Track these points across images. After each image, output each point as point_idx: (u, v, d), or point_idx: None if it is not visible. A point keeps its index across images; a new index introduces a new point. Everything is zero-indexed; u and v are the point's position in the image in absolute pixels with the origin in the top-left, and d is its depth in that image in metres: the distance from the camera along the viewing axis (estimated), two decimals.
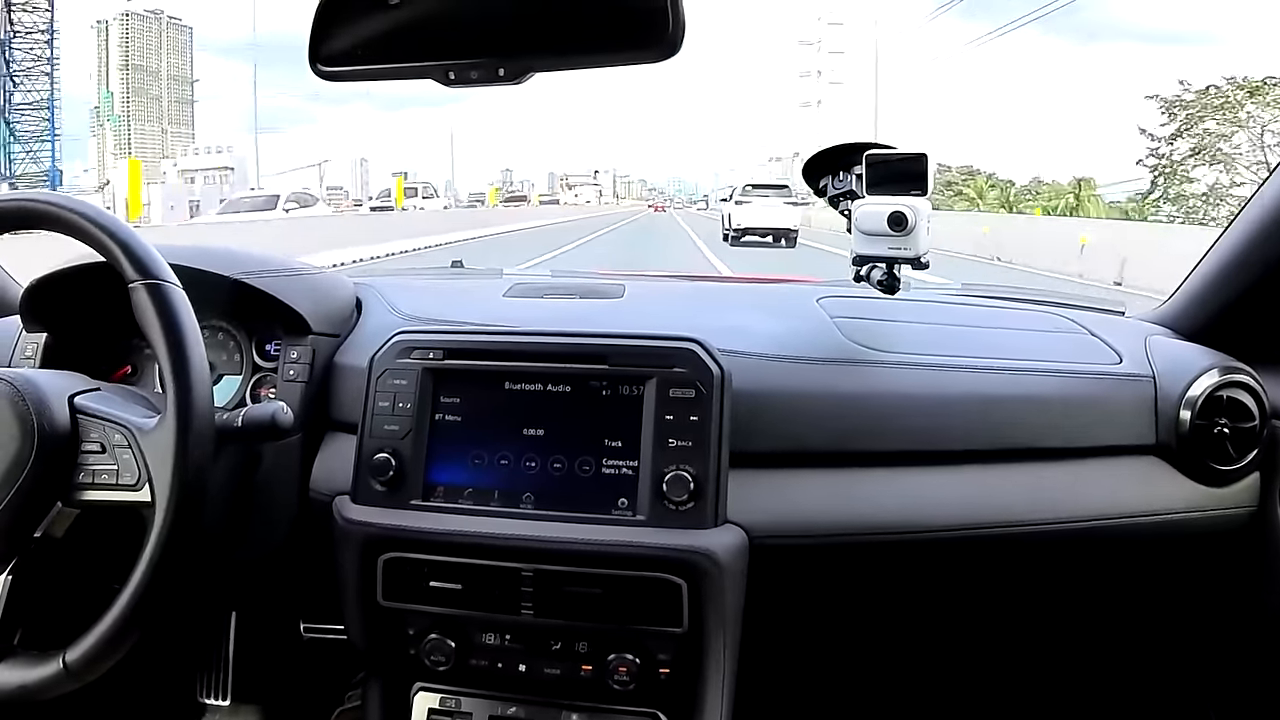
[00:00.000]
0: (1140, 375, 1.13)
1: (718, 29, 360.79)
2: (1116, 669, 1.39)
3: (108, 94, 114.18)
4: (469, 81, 0.82)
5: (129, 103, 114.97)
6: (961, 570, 1.12)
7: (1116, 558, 1.14)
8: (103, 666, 0.84)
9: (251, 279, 1.14)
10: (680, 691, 0.99)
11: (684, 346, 1.00)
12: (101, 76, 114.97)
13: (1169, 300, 1.31)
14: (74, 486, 0.87)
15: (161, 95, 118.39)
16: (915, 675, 1.43)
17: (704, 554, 0.94)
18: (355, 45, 0.84)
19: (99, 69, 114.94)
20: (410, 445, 1.01)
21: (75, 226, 0.90)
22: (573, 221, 37.44)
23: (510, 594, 0.97)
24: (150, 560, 0.83)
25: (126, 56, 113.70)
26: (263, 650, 1.47)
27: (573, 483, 0.99)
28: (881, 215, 1.06)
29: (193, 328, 0.88)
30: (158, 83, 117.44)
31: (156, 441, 0.85)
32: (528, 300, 1.34)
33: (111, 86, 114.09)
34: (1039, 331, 1.25)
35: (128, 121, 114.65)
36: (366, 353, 1.06)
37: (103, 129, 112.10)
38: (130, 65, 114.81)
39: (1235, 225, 1.19)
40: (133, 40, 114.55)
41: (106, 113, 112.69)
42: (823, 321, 1.20)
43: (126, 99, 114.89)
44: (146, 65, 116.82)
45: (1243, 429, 1.08)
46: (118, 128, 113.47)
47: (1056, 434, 1.10)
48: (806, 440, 1.06)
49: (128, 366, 1.22)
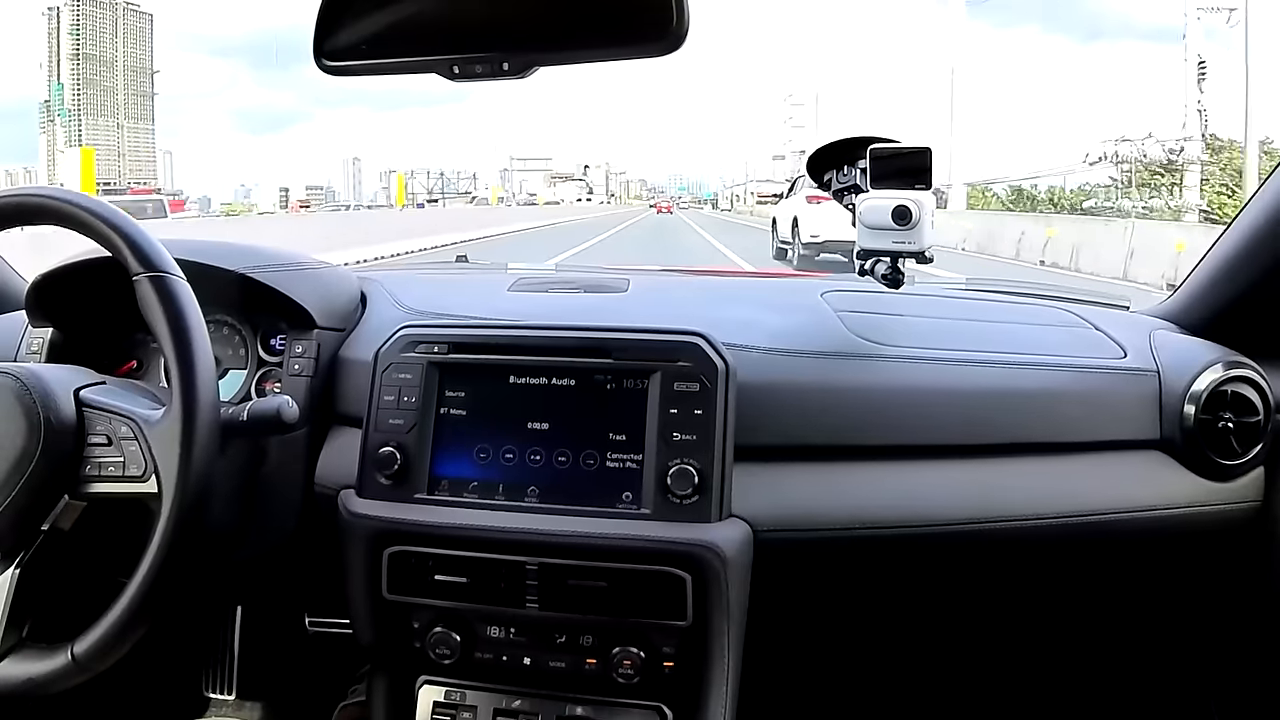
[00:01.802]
0: (1145, 370, 1.13)
1: (718, 22, 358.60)
2: (1119, 663, 1.39)
3: (58, 86, 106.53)
4: (473, 76, 0.82)
5: (80, 94, 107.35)
6: (966, 564, 1.12)
7: (1120, 552, 1.14)
8: (111, 658, 0.85)
9: (256, 273, 1.14)
10: (684, 685, 0.99)
11: (689, 340, 1.00)
12: (52, 68, 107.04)
13: (1173, 295, 1.31)
14: (81, 479, 0.87)
15: (117, 87, 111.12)
16: (918, 668, 1.43)
17: (708, 548, 0.94)
18: (360, 40, 0.85)
19: (50, 59, 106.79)
20: (415, 439, 1.01)
21: (79, 220, 0.91)
22: (534, 231, 27.36)
23: (515, 587, 0.97)
24: (157, 551, 0.83)
25: (78, 45, 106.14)
26: (267, 644, 1.48)
27: (577, 476, 0.99)
28: (886, 209, 1.06)
29: (197, 319, 0.89)
30: (113, 74, 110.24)
31: (162, 432, 0.86)
32: (532, 294, 1.34)
33: (62, 78, 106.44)
34: (1044, 326, 1.25)
35: (78, 116, 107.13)
36: (371, 347, 1.06)
37: (52, 124, 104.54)
38: (82, 55, 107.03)
39: (1240, 220, 1.19)
40: (85, 27, 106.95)
41: (57, 107, 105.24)
42: (827, 316, 1.20)
43: (78, 91, 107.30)
44: (101, 55, 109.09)
45: (1247, 423, 1.08)
46: (68, 123, 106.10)
47: (1061, 428, 1.10)
48: (811, 434, 1.06)
49: (133, 362, 1.22)
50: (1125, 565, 1.19)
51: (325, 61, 0.85)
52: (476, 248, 15.76)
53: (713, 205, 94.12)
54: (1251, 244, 1.17)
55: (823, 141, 1.21)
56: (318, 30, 0.85)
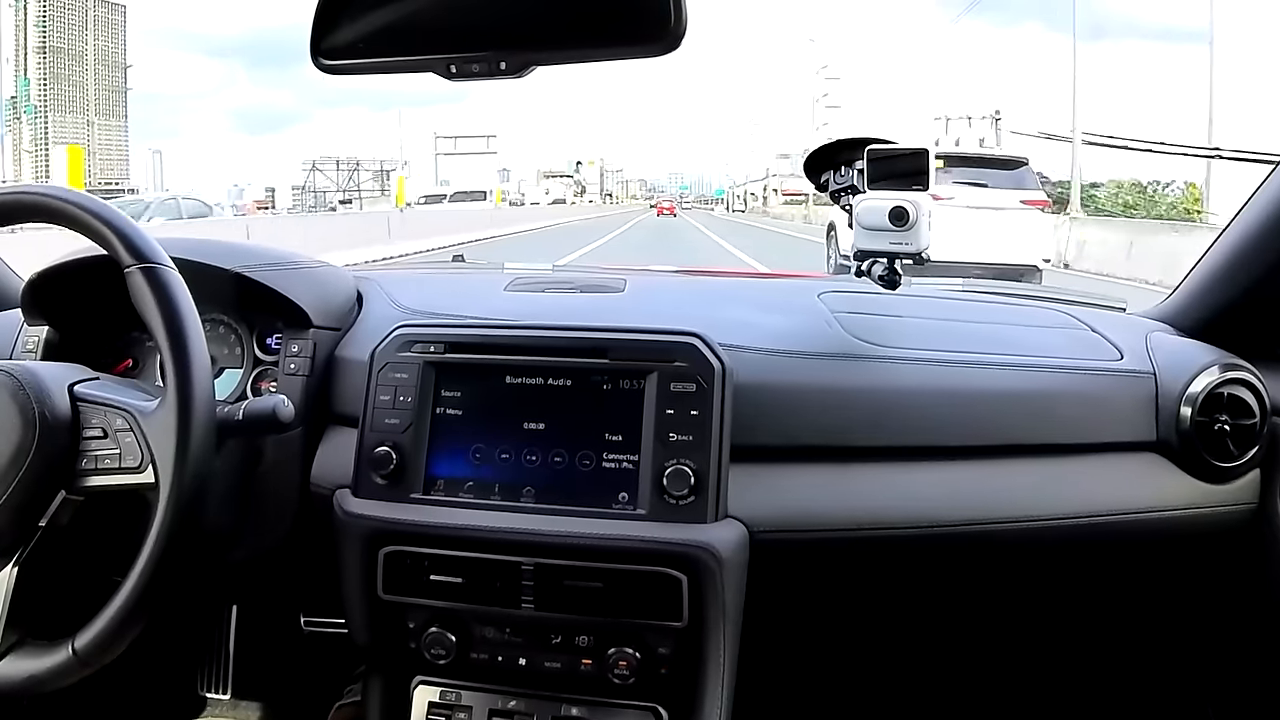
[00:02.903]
0: (1141, 371, 1.13)
1: (720, 15, 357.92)
2: (1116, 664, 1.39)
3: (25, 81, 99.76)
4: (470, 75, 0.82)
5: (47, 90, 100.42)
6: (961, 566, 1.12)
7: (1116, 554, 1.14)
8: (113, 652, 0.84)
9: (252, 272, 1.14)
10: (680, 686, 0.99)
11: (685, 340, 1.00)
12: (19, 62, 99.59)
13: (1170, 297, 1.31)
14: (77, 473, 0.87)
15: (87, 82, 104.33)
16: (915, 670, 1.43)
17: (704, 548, 0.94)
18: (357, 38, 0.84)
19: (16, 53, 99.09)
20: (411, 439, 1.01)
21: (71, 216, 0.91)
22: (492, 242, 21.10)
23: (511, 588, 0.97)
24: (156, 541, 0.83)
25: (45, 38, 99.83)
26: (263, 644, 1.47)
27: (573, 477, 0.99)
28: (883, 210, 1.06)
29: (190, 310, 0.88)
30: (82, 68, 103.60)
31: (158, 422, 0.85)
32: (529, 294, 1.34)
33: (28, 73, 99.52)
34: (1040, 327, 1.25)
35: (45, 112, 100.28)
36: (367, 346, 1.06)
37: (19, 121, 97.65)
38: (49, 48, 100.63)
39: (1236, 223, 1.19)
40: (53, 19, 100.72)
41: (24, 103, 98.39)
42: (824, 316, 1.20)
43: (44, 86, 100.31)
44: (70, 48, 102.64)
45: (1243, 425, 1.08)
46: (34, 120, 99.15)
47: (1057, 430, 1.10)
48: (807, 435, 1.06)
49: (129, 360, 1.22)
50: (1121, 567, 1.19)
51: (322, 60, 0.85)
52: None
53: (726, 206, 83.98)
54: (1248, 246, 1.17)
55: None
56: (315, 29, 0.84)
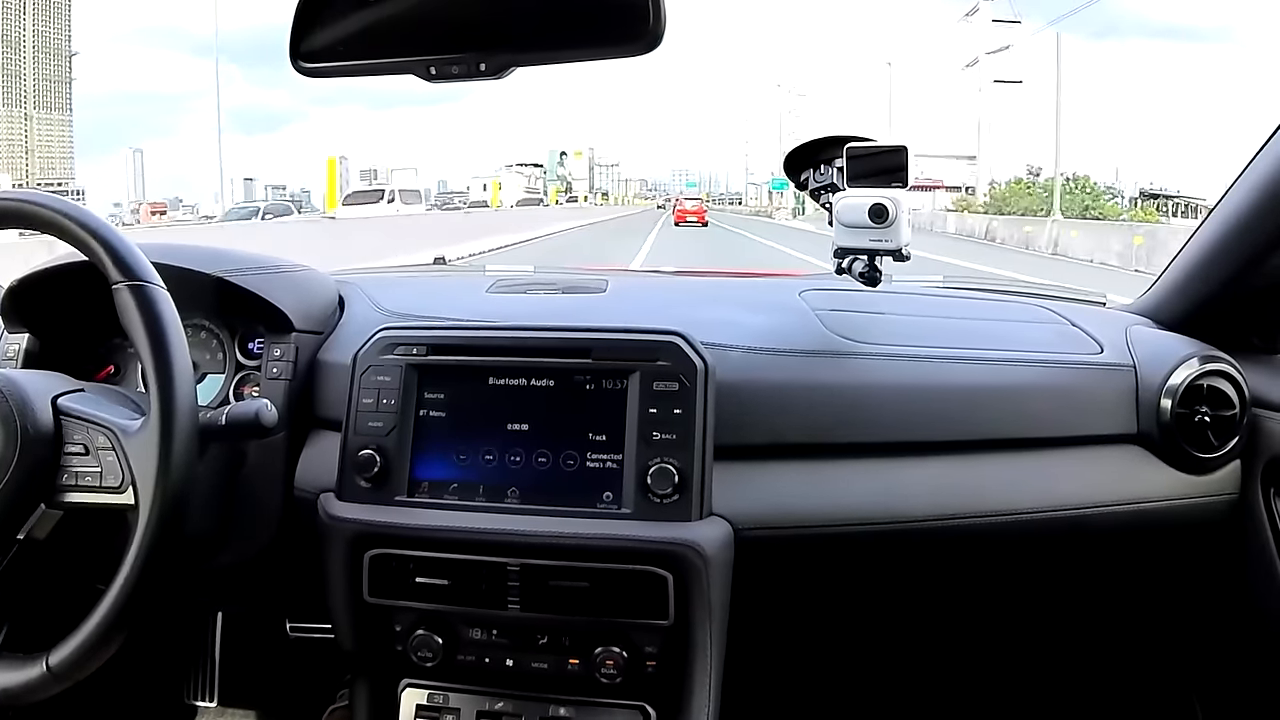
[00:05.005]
0: (1121, 365, 1.14)
1: (720, 10, 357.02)
2: (1101, 656, 1.40)
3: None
4: (450, 77, 0.82)
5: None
6: (945, 560, 1.13)
7: (1099, 547, 1.15)
8: (87, 669, 0.84)
9: (234, 276, 1.13)
10: (667, 684, 1.00)
11: (667, 340, 1.00)
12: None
13: (1149, 290, 1.33)
14: (57, 489, 0.86)
15: (24, 72, 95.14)
16: (900, 665, 1.44)
17: (689, 546, 0.94)
18: (336, 41, 0.84)
19: None
20: (395, 441, 1.01)
21: (58, 226, 0.90)
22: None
23: (496, 589, 0.97)
24: (134, 563, 0.83)
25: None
26: (249, 651, 1.47)
27: (558, 477, 0.99)
28: (862, 208, 1.06)
29: (176, 329, 0.88)
30: (20, 56, 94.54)
31: (141, 443, 0.85)
32: (511, 295, 1.34)
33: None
34: (1020, 322, 1.26)
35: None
36: (350, 349, 1.06)
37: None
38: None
39: (1214, 215, 1.21)
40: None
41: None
42: (805, 314, 1.20)
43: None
44: (5, 33, 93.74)
45: (1223, 417, 1.10)
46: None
47: (1039, 424, 1.11)
48: (790, 432, 1.07)
49: (111, 366, 1.21)
50: (1104, 559, 1.20)
51: (301, 63, 0.85)
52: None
53: (796, 210, 46.53)
54: (1226, 239, 1.19)
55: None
56: (294, 31, 0.84)
